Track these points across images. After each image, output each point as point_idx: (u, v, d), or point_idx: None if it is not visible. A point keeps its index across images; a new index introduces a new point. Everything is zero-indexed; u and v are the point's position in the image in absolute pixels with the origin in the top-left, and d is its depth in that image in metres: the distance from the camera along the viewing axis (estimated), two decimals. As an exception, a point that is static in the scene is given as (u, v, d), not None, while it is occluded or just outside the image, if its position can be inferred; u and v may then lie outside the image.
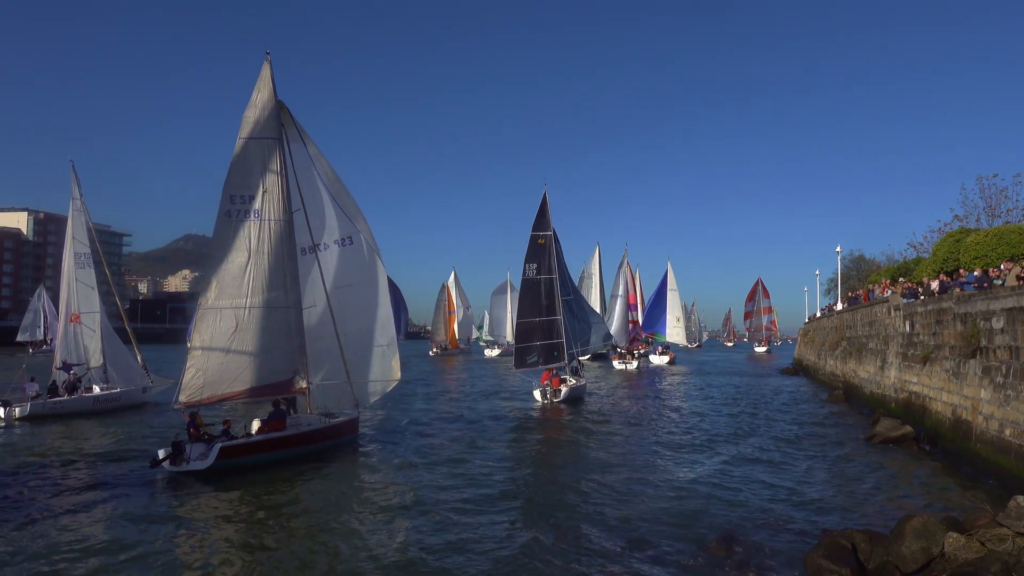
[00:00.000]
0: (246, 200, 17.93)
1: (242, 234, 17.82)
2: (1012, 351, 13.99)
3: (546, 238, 32.53)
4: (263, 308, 17.84)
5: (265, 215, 18.08)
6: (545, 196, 33.01)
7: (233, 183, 17.75)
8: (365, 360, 19.91)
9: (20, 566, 9.65)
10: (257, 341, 17.74)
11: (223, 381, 17.36)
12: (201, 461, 15.17)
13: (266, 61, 18.35)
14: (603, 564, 9.90)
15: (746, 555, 10.22)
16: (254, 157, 18.12)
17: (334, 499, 13.63)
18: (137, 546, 10.54)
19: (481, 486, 14.69)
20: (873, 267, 51.10)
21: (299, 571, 9.68)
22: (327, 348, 19.04)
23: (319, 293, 19.05)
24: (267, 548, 10.62)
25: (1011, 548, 9.08)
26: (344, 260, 19.70)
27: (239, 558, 10.15)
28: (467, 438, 20.84)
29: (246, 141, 18.00)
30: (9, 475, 15.25)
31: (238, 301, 17.56)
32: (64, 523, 11.65)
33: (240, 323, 17.50)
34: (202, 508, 12.91)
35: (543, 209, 32.76)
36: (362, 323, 19.84)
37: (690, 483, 15.04)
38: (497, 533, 11.40)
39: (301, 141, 19.01)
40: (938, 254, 24.63)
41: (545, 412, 27.51)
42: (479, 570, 9.74)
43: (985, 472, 14.59)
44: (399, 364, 20.49)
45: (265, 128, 18.26)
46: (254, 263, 17.80)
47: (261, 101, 18.21)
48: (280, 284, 18.19)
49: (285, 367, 18.38)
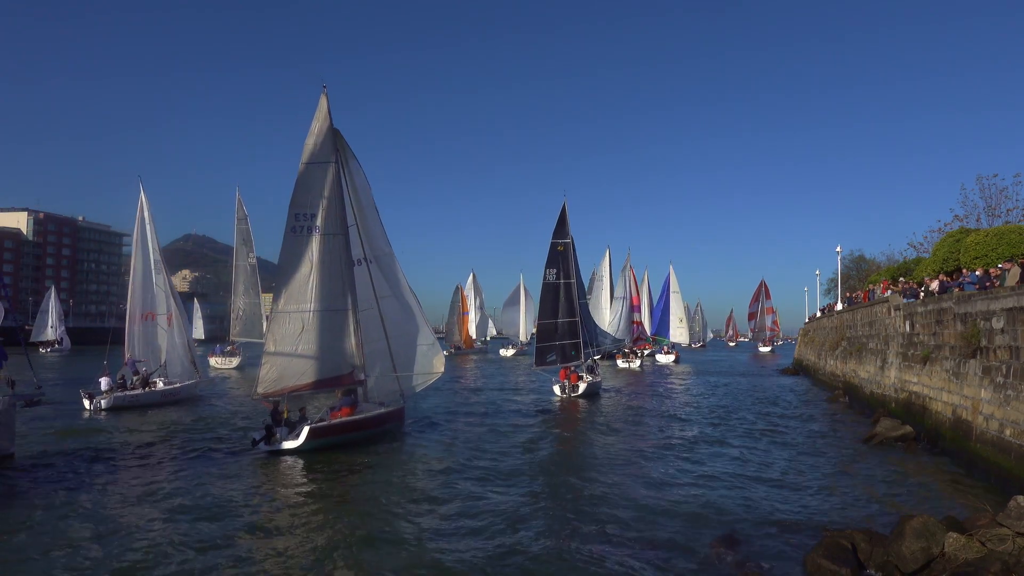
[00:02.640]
0: (308, 217, 20.31)
1: (306, 248, 20.22)
2: (1012, 351, 13.99)
3: (565, 245, 35.07)
4: (324, 312, 20.31)
5: (325, 230, 20.49)
6: (564, 206, 35.37)
7: (297, 203, 19.97)
8: (411, 357, 22.89)
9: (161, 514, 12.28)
10: (320, 340, 20.30)
11: (293, 375, 19.97)
12: (292, 441, 17.95)
13: (323, 94, 20.48)
14: (602, 563, 9.91)
15: (746, 555, 10.22)
16: (314, 179, 20.35)
17: (383, 483, 15.29)
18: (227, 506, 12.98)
19: (495, 479, 15.14)
20: (873, 267, 51.09)
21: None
22: (379, 347, 21.80)
23: (370, 299, 21.63)
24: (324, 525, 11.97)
25: (1011, 548, 9.09)
26: (386, 272, 22.41)
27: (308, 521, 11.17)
28: (494, 426, 23.52)
29: (306, 166, 20.21)
30: (114, 452, 18.34)
31: (303, 306, 20.09)
32: (178, 484, 14.61)
33: (305, 325, 20.10)
34: (279, 479, 15.38)
35: (562, 218, 35.14)
36: (406, 327, 22.80)
37: (690, 483, 15.06)
38: (498, 531, 11.42)
39: (352, 165, 21.45)
40: (938, 254, 24.63)
41: (564, 405, 30.15)
42: (477, 565, 9.77)
43: (985, 472, 14.59)
44: (443, 360, 23.81)
45: (322, 153, 20.49)
46: (316, 273, 20.24)
47: (319, 130, 20.46)
48: (339, 290, 20.68)
49: (344, 363, 21.05)
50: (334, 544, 10.77)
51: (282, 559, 10.12)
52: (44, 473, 15.61)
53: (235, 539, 10.97)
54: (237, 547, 10.60)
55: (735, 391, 37.66)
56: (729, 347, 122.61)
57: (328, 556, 10.23)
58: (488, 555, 10.32)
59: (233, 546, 10.65)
